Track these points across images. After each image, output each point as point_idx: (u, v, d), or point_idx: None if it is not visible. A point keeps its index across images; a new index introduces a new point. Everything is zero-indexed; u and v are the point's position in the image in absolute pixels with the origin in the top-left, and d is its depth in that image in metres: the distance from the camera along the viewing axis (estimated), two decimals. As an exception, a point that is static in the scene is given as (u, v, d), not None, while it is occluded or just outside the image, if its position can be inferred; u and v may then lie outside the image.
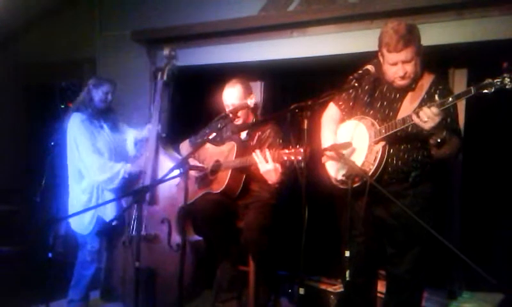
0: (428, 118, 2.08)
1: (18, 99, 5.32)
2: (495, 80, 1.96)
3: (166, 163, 3.20)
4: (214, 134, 2.81)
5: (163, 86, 3.30)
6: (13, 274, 3.86)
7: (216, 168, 3.05)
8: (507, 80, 1.93)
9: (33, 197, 3.88)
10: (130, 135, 3.51)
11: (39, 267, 3.21)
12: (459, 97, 2.10)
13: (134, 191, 3.06)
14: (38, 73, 5.15)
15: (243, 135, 3.17)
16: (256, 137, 3.10)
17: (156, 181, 3.07)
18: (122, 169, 3.21)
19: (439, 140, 2.17)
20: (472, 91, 2.02)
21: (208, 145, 3.16)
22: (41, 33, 5.10)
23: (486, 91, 1.98)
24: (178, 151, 3.36)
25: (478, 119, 3.13)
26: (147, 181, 3.17)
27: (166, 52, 3.31)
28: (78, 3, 4.94)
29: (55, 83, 5.22)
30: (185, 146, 3.35)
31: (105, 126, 3.38)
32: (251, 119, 3.19)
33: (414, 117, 2.13)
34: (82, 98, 3.37)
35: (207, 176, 3.10)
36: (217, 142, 3.19)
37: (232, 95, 3.08)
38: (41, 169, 3.42)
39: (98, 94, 3.33)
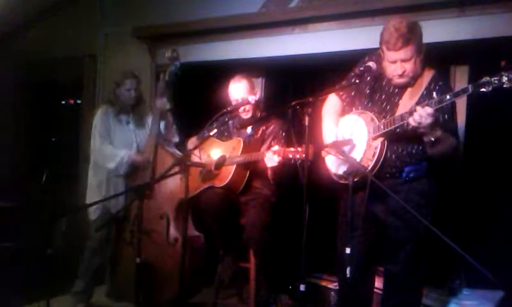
0: (421, 117, 2.09)
1: (19, 96, 5.30)
2: (493, 79, 1.95)
3: (167, 160, 3.21)
4: (215, 131, 2.86)
5: (165, 86, 3.37)
6: (13, 270, 3.86)
7: (221, 163, 3.08)
8: (504, 78, 1.93)
9: (34, 194, 3.88)
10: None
11: (40, 262, 3.21)
12: (457, 95, 2.10)
13: (136, 187, 3.09)
14: (39, 69, 5.14)
15: (249, 130, 3.20)
16: (260, 132, 3.13)
17: (157, 178, 3.09)
18: (126, 155, 3.28)
19: (432, 139, 2.16)
20: (470, 89, 2.02)
21: (214, 140, 3.19)
22: (42, 29, 5.08)
23: (483, 89, 1.97)
24: (181, 147, 3.37)
25: (479, 116, 3.13)
26: (147, 177, 3.21)
27: (168, 53, 3.38)
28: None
29: (56, 80, 5.21)
30: (193, 143, 3.36)
31: (131, 122, 3.45)
32: (258, 114, 3.22)
33: (410, 119, 2.14)
34: (109, 94, 3.50)
35: (211, 171, 3.12)
36: (225, 137, 3.22)
37: (239, 90, 3.12)
38: (42, 165, 3.42)
39: (121, 93, 3.40)
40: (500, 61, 2.01)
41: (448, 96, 2.10)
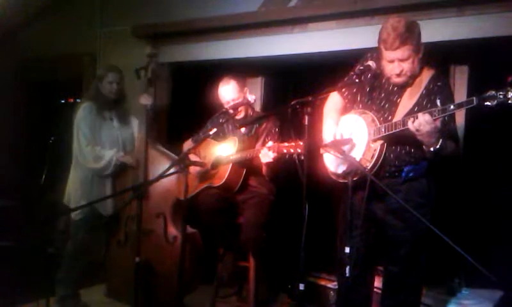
0: (420, 125, 2.09)
1: (17, 94, 5.30)
2: (499, 93, 1.95)
3: (158, 159, 3.25)
4: (215, 130, 2.87)
5: (147, 84, 3.36)
6: (13, 270, 3.86)
7: (218, 163, 3.08)
8: (510, 94, 1.93)
9: (33, 194, 3.87)
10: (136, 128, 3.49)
11: (39, 262, 3.21)
12: (461, 106, 2.10)
13: (133, 187, 3.10)
14: (38, 68, 5.14)
15: (243, 128, 3.20)
16: (254, 129, 3.15)
17: (157, 178, 3.09)
18: (114, 157, 3.23)
19: (432, 149, 2.16)
20: (474, 101, 2.01)
21: (210, 141, 3.19)
22: (41, 28, 5.08)
23: (488, 103, 1.98)
24: (178, 148, 3.37)
25: (478, 115, 3.12)
26: (139, 177, 3.21)
27: (148, 50, 3.39)
28: (78, -2, 4.94)
29: (55, 78, 5.21)
30: (188, 145, 3.36)
31: (114, 119, 3.39)
32: (250, 113, 3.22)
33: (410, 124, 2.14)
34: (91, 90, 3.40)
35: (208, 171, 3.13)
36: (219, 137, 3.23)
37: (229, 91, 3.12)
38: (40, 165, 3.41)
39: (103, 86, 3.33)
40: (500, 60, 2.01)
41: (452, 106, 2.09)
